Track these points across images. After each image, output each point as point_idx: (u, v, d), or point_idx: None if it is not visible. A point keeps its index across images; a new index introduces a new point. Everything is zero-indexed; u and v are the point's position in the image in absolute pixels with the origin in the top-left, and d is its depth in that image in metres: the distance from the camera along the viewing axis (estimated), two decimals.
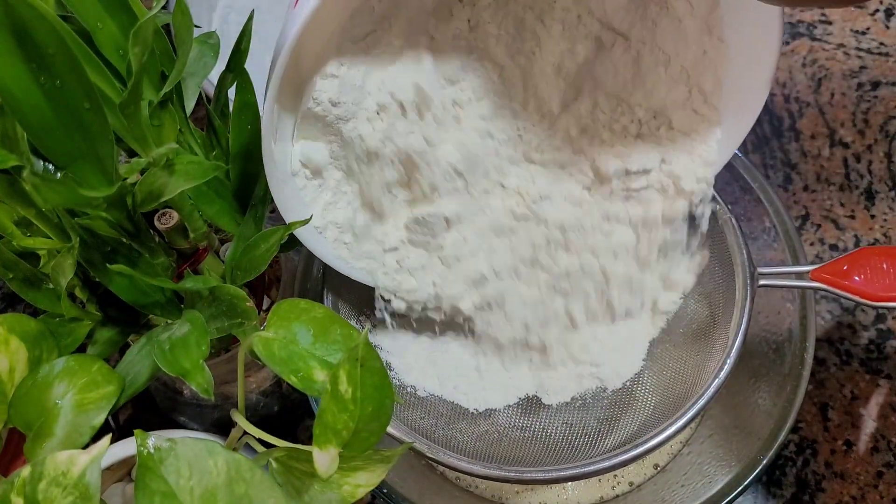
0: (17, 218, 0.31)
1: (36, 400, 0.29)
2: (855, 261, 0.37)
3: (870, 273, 0.36)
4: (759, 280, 0.39)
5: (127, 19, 0.31)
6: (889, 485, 0.47)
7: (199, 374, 0.29)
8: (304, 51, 0.33)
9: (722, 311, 0.42)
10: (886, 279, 0.36)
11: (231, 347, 0.40)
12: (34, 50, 0.24)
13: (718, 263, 0.42)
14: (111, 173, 0.28)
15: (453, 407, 0.43)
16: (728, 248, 0.41)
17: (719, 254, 0.42)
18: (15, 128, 0.27)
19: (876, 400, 0.49)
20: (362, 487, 0.28)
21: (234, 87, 0.36)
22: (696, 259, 0.44)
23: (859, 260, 0.37)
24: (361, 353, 0.26)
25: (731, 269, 0.41)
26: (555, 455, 0.41)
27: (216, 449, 0.25)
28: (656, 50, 0.38)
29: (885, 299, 0.36)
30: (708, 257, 0.43)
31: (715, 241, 0.42)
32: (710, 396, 0.37)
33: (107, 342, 0.34)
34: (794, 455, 0.48)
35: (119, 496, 0.40)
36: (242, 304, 0.31)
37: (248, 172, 0.37)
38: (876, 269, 0.36)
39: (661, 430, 0.37)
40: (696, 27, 0.37)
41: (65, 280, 0.30)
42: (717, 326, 0.42)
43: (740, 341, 0.38)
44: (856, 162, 0.58)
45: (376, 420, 0.27)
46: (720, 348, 0.39)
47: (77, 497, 0.24)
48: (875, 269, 0.36)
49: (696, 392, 0.38)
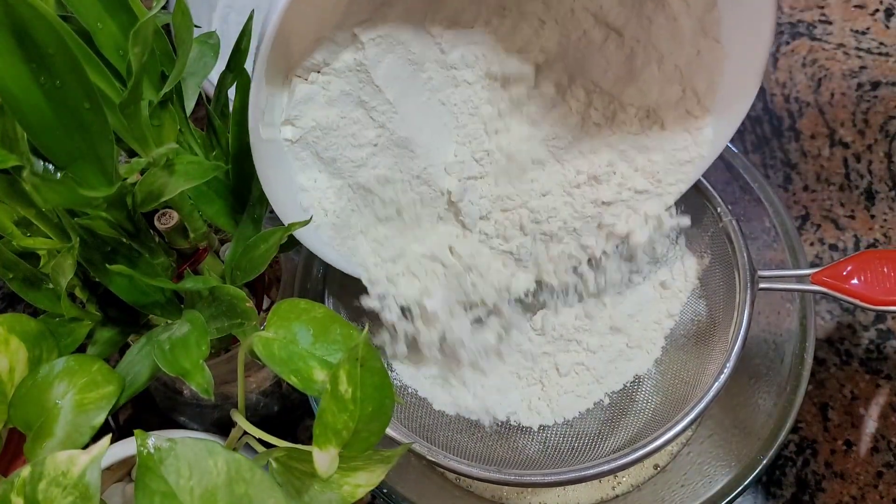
0: (17, 218, 0.31)
1: (36, 400, 0.29)
2: (855, 264, 0.37)
3: (870, 276, 0.36)
4: (759, 283, 0.39)
5: (127, 19, 0.31)
6: (889, 485, 0.47)
7: (199, 374, 0.29)
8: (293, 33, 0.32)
9: (722, 314, 0.42)
10: (887, 283, 0.36)
11: (231, 347, 0.40)
12: (34, 50, 0.24)
13: (719, 266, 0.42)
14: (111, 173, 0.28)
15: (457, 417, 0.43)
16: (729, 250, 0.41)
17: (720, 256, 0.42)
18: (15, 128, 0.27)
19: (876, 400, 0.49)
20: (362, 487, 0.28)
21: (234, 87, 0.36)
22: (697, 261, 0.44)
23: (860, 263, 0.37)
24: (361, 353, 0.26)
25: (731, 271, 0.41)
26: (555, 457, 0.41)
27: (216, 449, 0.25)
28: (650, 47, 0.37)
29: (886, 303, 0.36)
30: (709, 259, 0.43)
31: (716, 243, 0.42)
32: (711, 399, 0.37)
33: (107, 342, 0.34)
34: (794, 455, 0.48)
35: (119, 496, 0.40)
36: (242, 305, 0.31)
37: (248, 172, 0.37)
38: (876, 273, 0.36)
39: (661, 434, 0.37)
40: (692, 27, 0.36)
41: (65, 280, 0.30)
42: (718, 329, 0.42)
43: (740, 344, 0.38)
44: (856, 162, 0.58)
45: (376, 420, 0.27)
46: (720, 351, 0.39)
47: (77, 497, 0.24)
48: (875, 273, 0.36)
49: (697, 395, 0.38)
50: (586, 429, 0.42)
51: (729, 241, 0.41)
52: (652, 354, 0.44)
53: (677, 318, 0.44)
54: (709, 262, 0.43)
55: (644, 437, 0.38)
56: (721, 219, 0.41)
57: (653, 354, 0.44)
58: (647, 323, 0.44)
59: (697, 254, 0.44)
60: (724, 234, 0.41)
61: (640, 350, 0.44)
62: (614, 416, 0.43)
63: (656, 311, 0.43)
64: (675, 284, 0.43)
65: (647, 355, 0.44)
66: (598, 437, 0.42)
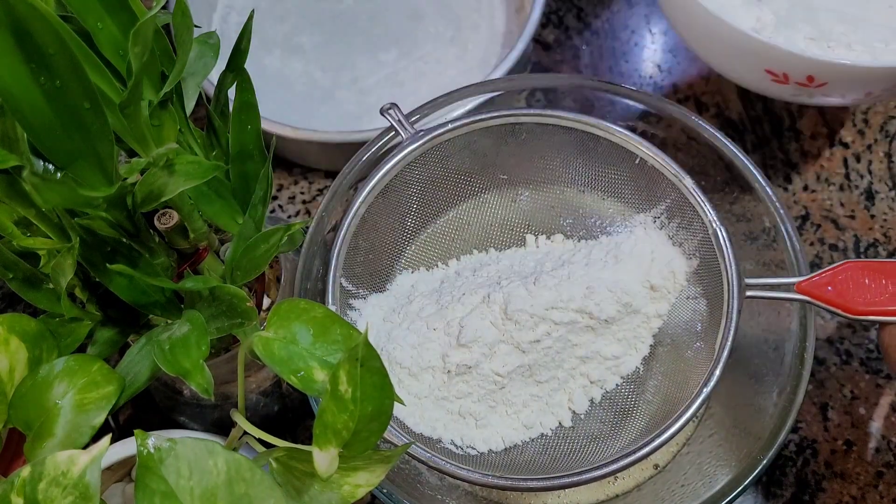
0: (17, 218, 0.31)
1: (36, 400, 0.29)
2: (836, 274, 0.39)
3: (851, 287, 0.38)
4: (746, 291, 0.40)
5: (127, 19, 0.31)
6: (889, 485, 0.47)
7: (199, 374, 0.29)
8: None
9: (709, 322, 0.42)
10: (867, 294, 0.38)
11: (231, 347, 0.40)
12: (34, 50, 0.24)
13: (707, 273, 0.43)
14: (111, 173, 0.28)
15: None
16: (716, 259, 0.41)
17: (709, 261, 0.42)
18: (15, 128, 0.27)
19: (876, 400, 0.49)
20: (362, 487, 0.28)
21: (234, 87, 0.36)
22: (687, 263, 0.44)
23: (841, 274, 0.39)
24: (361, 352, 0.26)
25: (719, 277, 0.41)
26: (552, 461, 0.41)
27: (216, 449, 0.25)
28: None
29: (864, 313, 0.38)
30: (697, 263, 0.44)
31: (704, 247, 0.43)
32: (697, 407, 0.38)
33: (107, 342, 0.34)
34: (794, 455, 0.48)
35: (119, 496, 0.40)
36: (242, 304, 0.31)
37: (248, 172, 0.37)
38: (858, 283, 0.38)
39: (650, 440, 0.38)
40: None
41: (65, 280, 0.30)
42: (706, 337, 0.42)
43: (727, 354, 0.39)
44: (856, 162, 0.58)
45: (376, 420, 0.27)
46: (706, 359, 0.40)
47: (77, 497, 0.24)
48: (857, 283, 0.38)
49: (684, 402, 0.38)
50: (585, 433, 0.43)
51: (718, 249, 0.41)
52: (640, 352, 0.44)
53: (665, 318, 0.44)
54: (697, 265, 0.44)
55: (637, 442, 0.38)
56: (710, 227, 0.42)
57: (641, 353, 0.44)
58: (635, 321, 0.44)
59: (687, 255, 0.44)
60: (711, 243, 0.41)
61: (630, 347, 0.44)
62: (612, 418, 0.43)
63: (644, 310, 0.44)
64: (664, 285, 0.44)
65: (635, 353, 0.44)
66: (593, 444, 0.42)
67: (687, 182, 0.42)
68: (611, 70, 0.63)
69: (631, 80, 0.63)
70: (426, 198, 0.48)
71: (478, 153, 0.47)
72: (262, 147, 0.37)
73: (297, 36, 0.62)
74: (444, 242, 0.49)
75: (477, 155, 0.47)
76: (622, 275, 0.43)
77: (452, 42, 0.62)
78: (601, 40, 0.65)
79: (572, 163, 0.47)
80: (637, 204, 0.47)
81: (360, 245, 0.44)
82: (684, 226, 0.44)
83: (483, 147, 0.47)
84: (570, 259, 0.45)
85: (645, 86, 0.62)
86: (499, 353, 0.41)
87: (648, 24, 0.65)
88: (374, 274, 0.47)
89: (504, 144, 0.47)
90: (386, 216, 0.46)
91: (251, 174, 0.37)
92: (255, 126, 0.36)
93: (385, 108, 0.44)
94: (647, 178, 0.45)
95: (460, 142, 0.45)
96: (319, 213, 0.44)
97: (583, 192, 0.49)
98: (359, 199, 0.43)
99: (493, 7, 0.64)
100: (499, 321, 0.41)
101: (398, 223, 0.48)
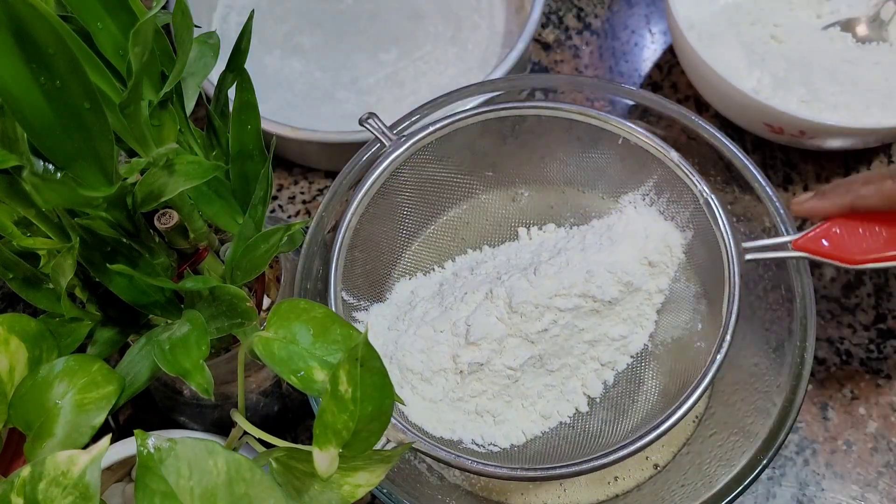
0: (17, 218, 0.31)
1: (36, 400, 0.29)
2: (830, 228, 0.39)
3: (846, 238, 0.39)
4: (745, 255, 0.40)
5: (127, 19, 0.31)
6: (889, 485, 0.47)
7: (199, 374, 0.29)
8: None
9: (713, 291, 0.42)
10: (863, 242, 0.39)
11: (231, 347, 0.40)
12: (34, 50, 0.24)
13: (702, 244, 0.43)
14: (111, 173, 0.28)
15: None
16: (710, 228, 0.42)
17: (703, 231, 0.43)
18: (15, 128, 0.27)
19: (876, 400, 0.49)
20: (362, 487, 0.28)
21: (234, 87, 0.36)
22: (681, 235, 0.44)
23: (834, 226, 0.39)
24: (361, 352, 0.26)
25: (716, 245, 0.41)
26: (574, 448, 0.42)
27: (216, 449, 0.25)
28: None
29: (864, 261, 0.38)
30: (692, 234, 0.44)
31: (697, 218, 0.43)
32: (714, 374, 0.38)
33: (107, 342, 0.34)
34: (794, 455, 0.48)
35: (119, 496, 0.40)
36: (242, 304, 0.31)
37: (248, 172, 0.37)
38: (853, 233, 0.39)
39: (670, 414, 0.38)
40: None
41: (65, 280, 0.30)
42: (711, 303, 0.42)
43: (734, 320, 0.39)
44: (856, 162, 0.58)
45: (376, 420, 0.27)
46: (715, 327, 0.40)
47: (77, 497, 0.24)
48: (852, 233, 0.39)
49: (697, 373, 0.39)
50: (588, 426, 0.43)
51: (711, 217, 0.41)
52: (646, 329, 0.44)
53: (667, 292, 0.44)
54: (692, 236, 0.44)
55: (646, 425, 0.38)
56: (700, 197, 0.42)
57: (647, 329, 0.44)
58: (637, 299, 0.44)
59: (680, 228, 0.44)
60: (704, 211, 0.42)
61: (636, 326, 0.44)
62: (618, 404, 0.43)
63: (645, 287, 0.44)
64: (661, 260, 0.44)
65: (641, 330, 0.44)
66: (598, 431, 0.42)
67: (673, 156, 0.43)
68: (611, 70, 0.63)
69: (631, 80, 0.63)
70: (417, 203, 0.48)
71: (463, 152, 0.47)
72: (262, 147, 0.37)
73: (297, 36, 0.62)
74: (439, 245, 0.50)
75: (463, 154, 0.47)
76: (619, 255, 0.43)
77: (452, 42, 0.62)
78: (601, 40, 0.65)
79: (556, 152, 0.48)
80: (624, 184, 0.47)
81: (357, 257, 0.45)
82: (674, 199, 0.44)
83: (468, 145, 0.47)
84: (565, 246, 0.45)
85: (645, 86, 0.62)
86: (508, 347, 0.41)
87: (648, 24, 0.66)
88: (373, 284, 0.47)
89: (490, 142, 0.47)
90: (379, 226, 0.46)
91: (251, 174, 0.37)
92: (255, 126, 0.36)
93: (363, 119, 0.44)
94: (632, 157, 0.45)
95: (444, 143, 0.45)
96: (319, 214, 0.44)
97: (570, 180, 0.50)
98: (350, 210, 0.43)
99: (493, 7, 0.64)
100: (504, 315, 0.41)
101: (391, 231, 0.48)
